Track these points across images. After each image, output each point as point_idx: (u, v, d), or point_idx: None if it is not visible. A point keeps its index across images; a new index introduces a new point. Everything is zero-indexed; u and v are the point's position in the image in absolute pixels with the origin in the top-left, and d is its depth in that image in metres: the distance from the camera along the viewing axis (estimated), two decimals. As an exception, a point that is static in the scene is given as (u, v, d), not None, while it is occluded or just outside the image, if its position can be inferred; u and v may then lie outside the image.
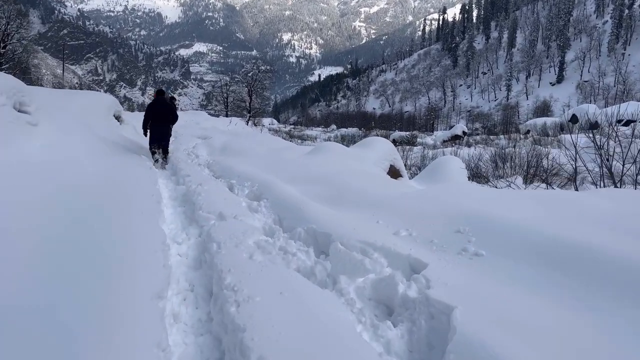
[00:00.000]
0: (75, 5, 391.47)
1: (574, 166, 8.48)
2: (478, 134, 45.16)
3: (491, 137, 29.94)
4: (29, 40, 38.27)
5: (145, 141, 11.07)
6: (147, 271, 3.15)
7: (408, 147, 22.15)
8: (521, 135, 27.26)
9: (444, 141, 30.73)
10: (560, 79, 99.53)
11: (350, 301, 3.11)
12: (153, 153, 10.22)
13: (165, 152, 10.52)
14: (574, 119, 29.51)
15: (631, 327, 2.51)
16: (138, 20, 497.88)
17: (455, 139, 30.47)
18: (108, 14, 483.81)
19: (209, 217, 4.90)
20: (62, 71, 51.09)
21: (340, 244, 3.76)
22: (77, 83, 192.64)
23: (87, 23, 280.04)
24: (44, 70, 75.34)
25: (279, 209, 5.62)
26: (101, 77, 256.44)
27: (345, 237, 3.99)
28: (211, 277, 3.43)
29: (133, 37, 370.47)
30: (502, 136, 28.80)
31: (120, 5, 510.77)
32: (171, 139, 12.39)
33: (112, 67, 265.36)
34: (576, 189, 8.46)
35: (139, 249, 3.55)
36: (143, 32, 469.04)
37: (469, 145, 24.33)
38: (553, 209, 4.46)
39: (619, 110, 17.77)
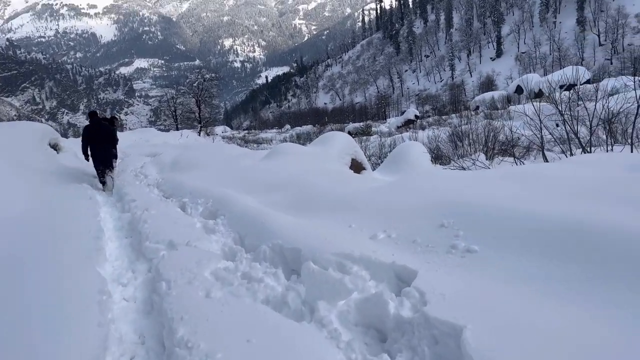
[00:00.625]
0: (3, 35, 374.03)
1: (539, 136, 8.22)
2: (429, 116, 45.58)
3: (443, 117, 30.12)
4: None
5: (88, 167, 10.58)
6: (76, 335, 2.50)
7: (364, 137, 21.81)
8: (472, 112, 27.45)
9: (398, 127, 30.67)
10: (499, 53, 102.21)
11: (334, 333, 2.57)
12: (101, 177, 9.92)
13: (111, 170, 10.22)
14: (518, 89, 30.02)
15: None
16: (72, 43, 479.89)
17: (408, 124, 30.45)
18: (39, 39, 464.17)
19: (158, 248, 4.23)
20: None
21: (312, 262, 3.20)
22: (15, 115, 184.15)
23: (18, 52, 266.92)
24: (-24, 106, 71.16)
25: (239, 225, 5.02)
26: (40, 106, 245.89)
27: (318, 251, 3.45)
28: (164, 326, 2.82)
29: (69, 60, 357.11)
30: (453, 115, 28.99)
31: (51, 29, 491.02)
32: (117, 160, 11.59)
33: (51, 94, 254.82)
34: (545, 160, 8.21)
35: (67, 305, 2.89)
36: (79, 55, 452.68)
37: (422, 128, 24.26)
38: (533, 185, 4.09)
39: (562, 77, 17.98)
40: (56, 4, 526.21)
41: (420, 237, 3.54)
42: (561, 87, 27.48)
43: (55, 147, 13.06)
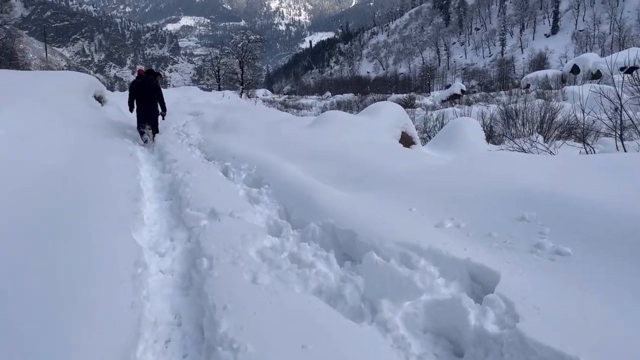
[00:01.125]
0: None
1: (615, 120, 7.41)
2: (475, 92, 43.89)
3: (491, 93, 28.71)
4: (12, 25, 36.80)
5: (131, 121, 10.41)
6: (105, 321, 2.19)
7: (408, 109, 21.02)
8: (522, 90, 26.03)
9: (443, 101, 29.55)
10: (555, 30, 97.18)
11: (402, 341, 2.18)
12: (142, 133, 9.77)
13: (155, 131, 10.08)
14: (575, 69, 28.22)
15: None
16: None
17: (454, 98, 29.26)
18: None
19: (199, 216, 3.91)
20: (45, 53, 49.43)
21: (375, 253, 2.79)
22: (65, 65, 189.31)
23: (71, 3, 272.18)
24: (30, 55, 73.37)
25: (284, 196, 4.69)
26: (89, 58, 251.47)
27: (377, 237, 3.05)
28: (202, 308, 2.50)
29: (118, 14, 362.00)
30: (502, 92, 27.57)
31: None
32: (160, 118, 11.42)
33: (100, 47, 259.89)
34: (624, 149, 7.40)
35: (99, 279, 2.59)
36: (128, 9, 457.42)
37: (469, 103, 23.19)
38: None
39: (626, 57, 16.64)
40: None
41: (496, 230, 3.07)
42: (621, 69, 25.72)
43: (100, 99, 12.94)
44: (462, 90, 31.96)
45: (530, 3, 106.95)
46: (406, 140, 8.99)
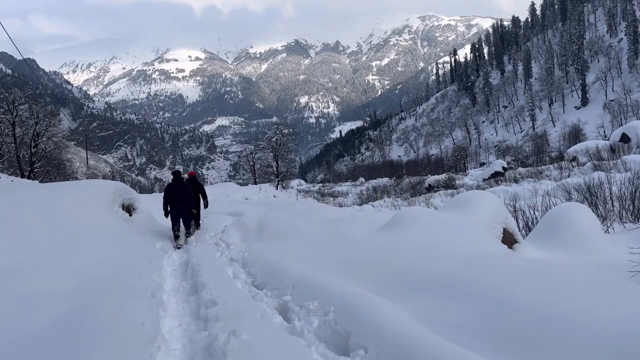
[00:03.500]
0: (102, 99, 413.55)
1: None
2: (511, 168, 43.31)
3: (537, 168, 28.04)
4: (59, 137, 39.38)
5: (159, 234, 10.70)
6: None
7: (450, 191, 20.70)
8: (573, 163, 25.29)
9: (485, 179, 29.10)
10: (584, 102, 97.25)
11: None
12: (176, 236, 10.17)
13: (188, 229, 10.68)
14: (624, 138, 27.49)
15: None
16: (161, 104, 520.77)
17: (496, 176, 28.77)
18: (133, 102, 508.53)
19: None
20: (87, 161, 52.31)
21: None
22: (109, 171, 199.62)
23: (115, 114, 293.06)
24: (77, 164, 77.96)
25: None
26: (131, 162, 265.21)
27: None
28: None
29: (158, 120, 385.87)
30: (550, 167, 26.87)
31: (144, 92, 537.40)
32: (199, 226, 11.58)
33: (141, 152, 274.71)
34: None
35: None
36: (167, 115, 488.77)
37: (515, 180, 22.63)
38: None
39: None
40: (149, 70, 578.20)
41: None
42: None
43: (129, 207, 11.75)
44: (503, 167, 31.45)
45: (556, 78, 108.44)
46: (508, 239, 7.21)
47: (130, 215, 11.35)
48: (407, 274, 4.93)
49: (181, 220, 10.40)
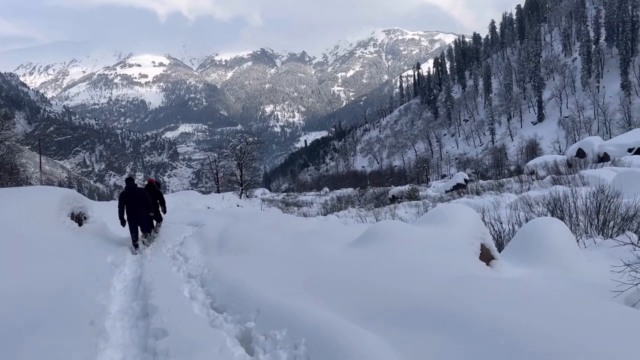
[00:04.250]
0: (61, 102, 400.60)
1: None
2: (472, 180, 44.37)
3: (499, 180, 28.73)
4: (12, 141, 37.83)
5: (112, 247, 10.07)
6: None
7: (414, 202, 20.97)
8: (532, 177, 26.05)
9: (447, 191, 29.63)
10: (541, 118, 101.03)
11: None
12: (134, 240, 10.19)
13: (146, 234, 10.59)
14: (580, 153, 28.64)
15: None
16: (123, 110, 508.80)
17: (458, 188, 29.35)
18: (93, 107, 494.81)
19: None
20: (40, 166, 50.40)
21: None
22: (66, 177, 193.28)
23: (73, 118, 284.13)
24: (32, 169, 75.03)
25: None
26: (90, 169, 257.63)
27: None
28: None
29: (119, 126, 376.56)
30: (511, 179, 27.61)
31: (104, 97, 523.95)
32: (160, 226, 11.34)
33: (100, 157, 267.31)
34: None
35: None
36: (129, 120, 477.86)
37: (477, 192, 23.14)
38: None
39: (632, 139, 16.91)
40: (111, 74, 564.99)
41: None
42: (629, 150, 26.03)
43: (79, 217, 10.69)
44: (465, 180, 32.10)
45: (514, 94, 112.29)
46: (485, 255, 6.87)
47: (80, 225, 10.42)
48: (387, 298, 4.33)
49: (139, 227, 10.34)
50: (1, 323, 4.31)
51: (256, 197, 48.97)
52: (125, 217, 10.49)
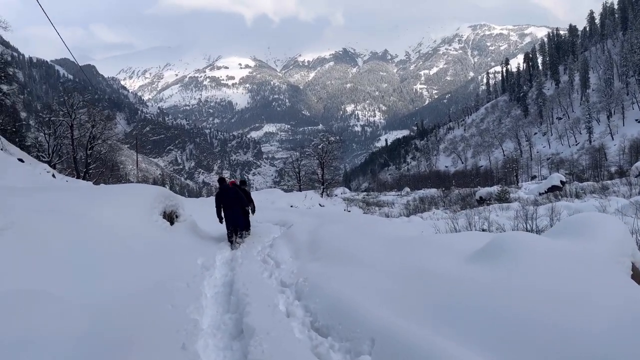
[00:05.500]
0: (156, 104, 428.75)
1: None
2: (567, 182, 41.27)
3: (602, 183, 26.32)
4: (114, 140, 40.95)
5: (205, 248, 9.85)
6: None
7: (505, 204, 19.78)
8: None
9: (541, 193, 27.72)
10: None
11: None
12: (230, 237, 10.47)
13: (242, 233, 10.71)
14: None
15: None
16: (211, 110, 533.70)
17: (553, 190, 27.31)
18: (184, 108, 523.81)
19: None
20: (136, 163, 54.02)
21: None
22: (159, 174, 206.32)
23: (167, 118, 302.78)
24: (130, 166, 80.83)
25: None
26: (181, 166, 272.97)
27: None
28: None
29: (208, 126, 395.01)
30: (616, 181, 25.24)
31: (194, 99, 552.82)
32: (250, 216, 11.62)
33: (191, 156, 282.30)
34: None
35: None
36: (216, 121, 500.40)
37: (577, 195, 21.38)
38: None
39: None
40: (201, 77, 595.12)
41: None
42: None
43: (171, 215, 10.50)
44: (561, 182, 29.76)
45: (616, 90, 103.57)
46: (636, 277, 5.49)
47: (172, 223, 10.26)
48: (544, 340, 3.40)
49: (236, 225, 10.67)
50: (81, 337, 3.99)
51: (336, 195, 49.14)
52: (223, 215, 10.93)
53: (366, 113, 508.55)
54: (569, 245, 5.20)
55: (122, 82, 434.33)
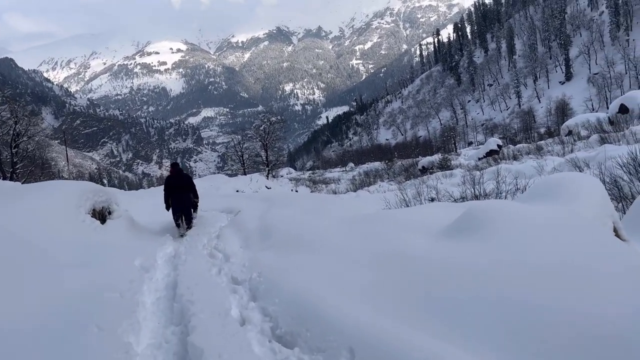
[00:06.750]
0: (85, 95, 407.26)
1: None
2: (502, 146, 42.85)
3: (537, 143, 27.35)
4: (40, 136, 38.38)
5: (143, 245, 8.54)
6: None
7: (448, 172, 20.04)
8: (574, 137, 24.59)
9: (480, 158, 28.47)
10: (569, 77, 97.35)
11: None
12: (178, 225, 10.20)
13: (189, 221, 10.42)
14: (622, 109, 26.75)
15: None
16: (145, 98, 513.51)
17: (491, 154, 28.14)
18: (116, 97, 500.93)
19: None
20: (67, 159, 51.19)
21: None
22: (95, 168, 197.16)
23: (98, 110, 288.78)
24: (62, 162, 76.51)
25: None
26: (118, 159, 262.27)
27: None
28: None
29: (142, 115, 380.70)
30: (549, 141, 26.20)
31: (126, 87, 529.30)
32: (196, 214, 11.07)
33: (127, 147, 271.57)
34: None
35: None
36: (151, 109, 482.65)
37: (515, 157, 22.04)
38: None
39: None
40: (131, 64, 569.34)
41: None
42: None
43: (102, 212, 9.23)
44: (498, 145, 30.71)
45: (540, 54, 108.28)
46: (618, 237, 5.30)
47: (104, 221, 9.02)
48: (559, 329, 2.87)
49: (183, 212, 10.38)
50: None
51: (282, 176, 48.71)
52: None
53: (305, 91, 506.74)
54: (553, 211, 4.63)
55: (45, 74, 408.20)
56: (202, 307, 4.59)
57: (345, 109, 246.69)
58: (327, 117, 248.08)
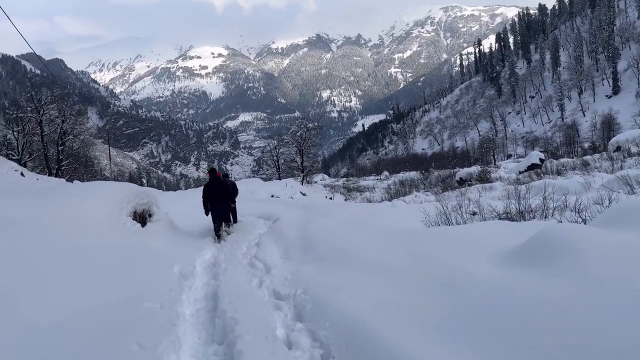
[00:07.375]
0: (128, 97, 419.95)
1: None
2: (546, 160, 41.46)
3: (583, 159, 26.28)
4: (85, 135, 39.74)
5: (183, 251, 8.48)
6: None
7: (488, 185, 19.43)
8: (624, 154, 23.46)
9: (520, 172, 27.60)
10: (616, 91, 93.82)
11: None
12: (217, 231, 10.20)
13: (228, 227, 10.53)
14: (681, 124, 25.40)
15: None
16: (185, 101, 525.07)
17: (532, 168, 27.23)
18: (157, 99, 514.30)
19: None
20: (109, 158, 52.54)
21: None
22: (135, 168, 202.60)
23: (140, 111, 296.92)
24: (104, 161, 78.82)
25: None
26: (157, 159, 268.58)
27: None
28: None
29: (182, 117, 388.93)
30: (596, 156, 25.12)
31: (168, 90, 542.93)
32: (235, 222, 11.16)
33: (167, 148, 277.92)
34: None
35: None
36: (191, 111, 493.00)
37: (559, 172, 21.22)
38: None
39: None
40: (173, 67, 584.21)
41: None
42: None
43: (143, 215, 9.12)
44: (540, 159, 29.73)
45: (586, 67, 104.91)
46: None
47: (144, 225, 8.86)
48: None
49: (222, 218, 10.47)
50: None
51: (316, 182, 48.68)
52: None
53: (342, 98, 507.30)
54: (633, 239, 3.82)
55: (93, 76, 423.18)
56: (247, 327, 4.30)
57: (382, 117, 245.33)
58: (363, 125, 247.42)
